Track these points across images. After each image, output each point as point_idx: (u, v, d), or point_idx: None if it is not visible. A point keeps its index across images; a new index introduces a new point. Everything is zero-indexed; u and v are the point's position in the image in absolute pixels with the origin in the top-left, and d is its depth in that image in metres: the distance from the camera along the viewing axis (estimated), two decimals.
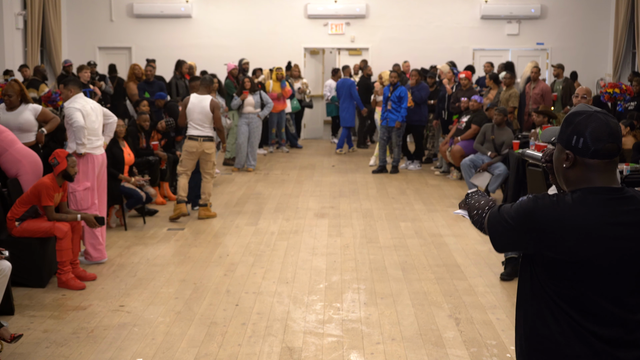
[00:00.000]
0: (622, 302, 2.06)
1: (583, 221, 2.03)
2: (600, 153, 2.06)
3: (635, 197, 2.08)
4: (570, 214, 2.04)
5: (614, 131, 2.07)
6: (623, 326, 2.06)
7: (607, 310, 2.05)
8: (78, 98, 6.38)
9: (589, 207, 2.05)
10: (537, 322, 2.13)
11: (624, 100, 10.35)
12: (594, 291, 2.05)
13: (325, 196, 9.62)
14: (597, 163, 2.07)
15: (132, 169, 8.24)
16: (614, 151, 2.07)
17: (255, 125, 11.60)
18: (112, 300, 5.49)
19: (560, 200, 2.07)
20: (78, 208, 6.33)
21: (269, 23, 16.10)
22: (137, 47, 16.22)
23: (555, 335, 2.09)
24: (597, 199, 2.06)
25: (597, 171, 2.08)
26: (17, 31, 13.91)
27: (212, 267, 6.39)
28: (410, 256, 6.71)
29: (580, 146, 2.08)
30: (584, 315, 2.06)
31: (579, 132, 2.08)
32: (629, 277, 2.05)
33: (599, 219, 2.03)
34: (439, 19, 16.05)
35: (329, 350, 4.58)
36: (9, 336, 4.37)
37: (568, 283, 2.06)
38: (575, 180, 2.12)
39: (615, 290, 2.05)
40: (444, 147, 11.10)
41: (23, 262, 5.57)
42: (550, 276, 2.09)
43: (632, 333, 2.07)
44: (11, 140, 6.20)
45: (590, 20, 15.80)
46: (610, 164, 2.08)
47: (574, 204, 2.05)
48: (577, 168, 2.11)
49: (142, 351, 4.55)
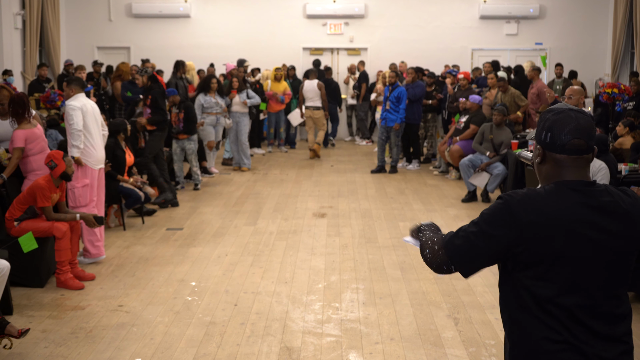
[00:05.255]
0: (593, 294, 2.09)
1: (556, 212, 2.07)
2: (566, 148, 2.11)
3: (607, 191, 2.13)
4: (543, 204, 2.08)
5: (582, 128, 2.11)
6: (596, 318, 2.09)
7: (580, 302, 2.08)
8: (79, 97, 6.38)
9: (561, 198, 2.09)
10: (514, 314, 2.16)
11: (622, 100, 10.35)
12: (566, 283, 2.08)
13: (324, 196, 9.62)
14: (565, 158, 2.13)
15: (132, 168, 8.24)
16: (581, 147, 2.11)
17: (243, 125, 11.60)
18: (111, 300, 5.49)
19: (533, 192, 2.11)
20: (76, 205, 6.33)
21: (268, 23, 16.10)
22: (135, 47, 16.21)
23: (528, 326, 2.11)
24: (568, 192, 2.10)
25: (567, 167, 2.13)
26: (15, 31, 13.90)
27: (211, 267, 6.39)
28: (409, 256, 6.71)
29: (548, 141, 2.14)
30: (558, 308, 2.08)
31: (548, 127, 2.14)
32: (599, 269, 2.09)
33: (570, 210, 2.08)
34: (437, 18, 16.05)
35: (328, 350, 4.58)
36: (17, 332, 4.37)
37: (541, 276, 2.08)
38: (547, 175, 2.18)
39: (587, 282, 2.09)
40: (443, 147, 11.10)
41: (22, 262, 5.56)
42: (523, 268, 2.11)
43: (607, 326, 2.10)
44: (42, 147, 6.24)
45: (589, 20, 15.81)
46: (579, 160, 2.13)
47: (547, 195, 2.10)
48: (548, 163, 2.16)
49: (140, 351, 4.54)
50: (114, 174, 7.55)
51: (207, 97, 10.75)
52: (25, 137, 6.09)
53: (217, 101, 10.89)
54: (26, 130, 6.13)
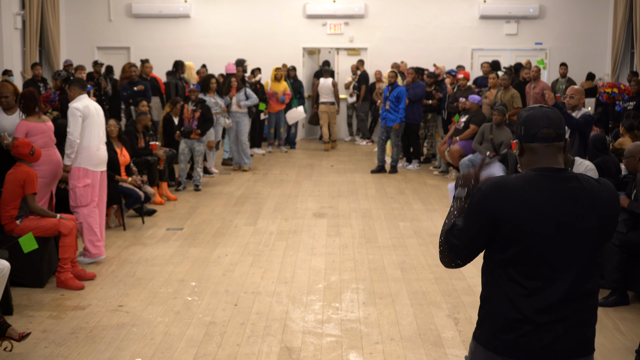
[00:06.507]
0: (563, 273, 2.31)
1: (524, 197, 2.31)
2: (538, 137, 2.37)
3: (576, 177, 2.36)
4: (513, 190, 2.32)
5: (551, 119, 2.38)
6: (566, 297, 2.31)
7: (548, 279, 2.31)
8: (82, 98, 6.39)
9: (530, 184, 2.33)
10: (487, 291, 2.41)
11: (622, 100, 10.36)
12: (536, 262, 2.30)
13: (324, 196, 9.61)
14: (538, 146, 2.38)
15: (131, 168, 8.24)
16: (551, 135, 2.37)
17: (243, 125, 11.60)
18: (111, 300, 5.49)
19: (503, 179, 2.36)
20: (77, 204, 6.34)
21: (268, 23, 16.09)
22: (135, 47, 16.20)
23: (497, 300, 2.36)
24: (537, 177, 2.35)
25: (540, 154, 2.38)
26: (15, 31, 13.89)
27: (211, 267, 6.39)
28: (409, 256, 6.71)
29: (522, 133, 2.41)
30: (526, 280, 2.31)
31: (522, 122, 2.43)
32: (567, 249, 2.31)
33: (538, 194, 2.31)
34: (437, 18, 16.04)
35: (328, 350, 4.58)
36: (18, 335, 4.37)
37: (514, 256, 2.31)
38: (525, 165, 2.43)
39: (556, 261, 2.31)
40: (443, 147, 11.10)
41: (22, 262, 5.56)
42: (498, 250, 2.35)
43: (576, 302, 2.31)
44: (45, 142, 6.21)
45: (589, 20, 15.80)
46: (550, 147, 2.38)
47: (517, 182, 2.34)
48: (525, 154, 2.42)
49: (140, 351, 4.54)
50: (111, 175, 7.55)
51: (206, 97, 10.75)
52: (27, 130, 6.09)
53: (217, 101, 10.89)
54: (30, 123, 6.13)
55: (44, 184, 6.13)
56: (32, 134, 6.11)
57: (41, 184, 6.05)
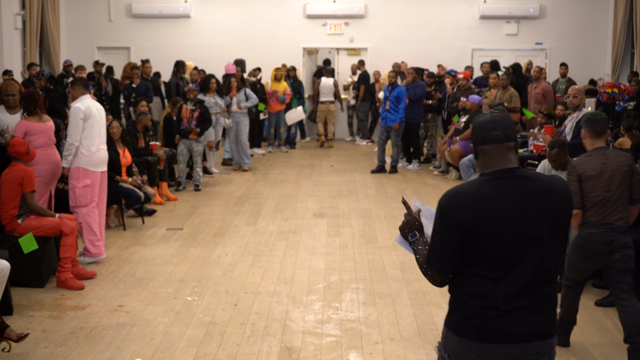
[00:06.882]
0: (523, 269, 2.46)
1: (478, 202, 2.47)
2: (487, 139, 2.54)
3: (528, 175, 2.52)
4: (468, 197, 2.49)
5: (498, 122, 2.55)
6: (526, 291, 2.47)
7: (507, 269, 2.47)
8: (84, 99, 6.39)
9: (484, 188, 2.50)
10: (455, 284, 2.57)
11: (622, 100, 10.36)
12: (498, 260, 2.46)
13: (324, 196, 9.62)
14: (489, 148, 2.55)
15: (132, 168, 8.24)
16: (499, 137, 2.53)
17: (243, 125, 11.61)
18: (111, 300, 5.49)
19: (459, 188, 2.52)
20: (77, 204, 6.34)
21: (268, 23, 16.08)
22: (135, 47, 16.20)
23: (465, 292, 2.52)
24: (491, 181, 2.51)
25: (492, 155, 2.54)
26: (15, 31, 13.89)
27: (211, 267, 6.39)
28: (409, 256, 6.71)
29: (474, 137, 2.60)
30: (490, 273, 2.47)
31: (474, 128, 2.61)
32: (526, 246, 2.46)
33: (492, 197, 2.47)
34: (437, 18, 16.04)
35: (328, 350, 4.58)
36: (16, 336, 4.37)
37: (478, 256, 2.47)
38: (481, 166, 2.59)
39: (516, 258, 2.46)
40: (443, 147, 11.10)
41: (22, 262, 5.56)
42: (467, 252, 2.50)
43: (526, 291, 2.47)
44: (44, 141, 6.22)
45: (589, 20, 15.80)
46: (500, 147, 2.53)
47: (471, 188, 2.51)
48: (480, 157, 2.59)
49: (140, 351, 4.54)
50: (111, 175, 7.55)
51: (206, 97, 10.75)
52: (26, 129, 6.10)
53: (217, 101, 10.89)
54: (29, 123, 6.13)
55: (43, 184, 6.13)
56: (31, 133, 6.11)
57: (39, 183, 6.05)
